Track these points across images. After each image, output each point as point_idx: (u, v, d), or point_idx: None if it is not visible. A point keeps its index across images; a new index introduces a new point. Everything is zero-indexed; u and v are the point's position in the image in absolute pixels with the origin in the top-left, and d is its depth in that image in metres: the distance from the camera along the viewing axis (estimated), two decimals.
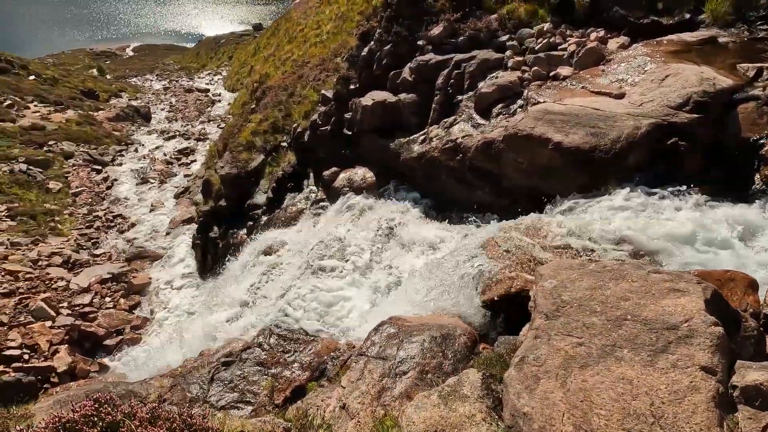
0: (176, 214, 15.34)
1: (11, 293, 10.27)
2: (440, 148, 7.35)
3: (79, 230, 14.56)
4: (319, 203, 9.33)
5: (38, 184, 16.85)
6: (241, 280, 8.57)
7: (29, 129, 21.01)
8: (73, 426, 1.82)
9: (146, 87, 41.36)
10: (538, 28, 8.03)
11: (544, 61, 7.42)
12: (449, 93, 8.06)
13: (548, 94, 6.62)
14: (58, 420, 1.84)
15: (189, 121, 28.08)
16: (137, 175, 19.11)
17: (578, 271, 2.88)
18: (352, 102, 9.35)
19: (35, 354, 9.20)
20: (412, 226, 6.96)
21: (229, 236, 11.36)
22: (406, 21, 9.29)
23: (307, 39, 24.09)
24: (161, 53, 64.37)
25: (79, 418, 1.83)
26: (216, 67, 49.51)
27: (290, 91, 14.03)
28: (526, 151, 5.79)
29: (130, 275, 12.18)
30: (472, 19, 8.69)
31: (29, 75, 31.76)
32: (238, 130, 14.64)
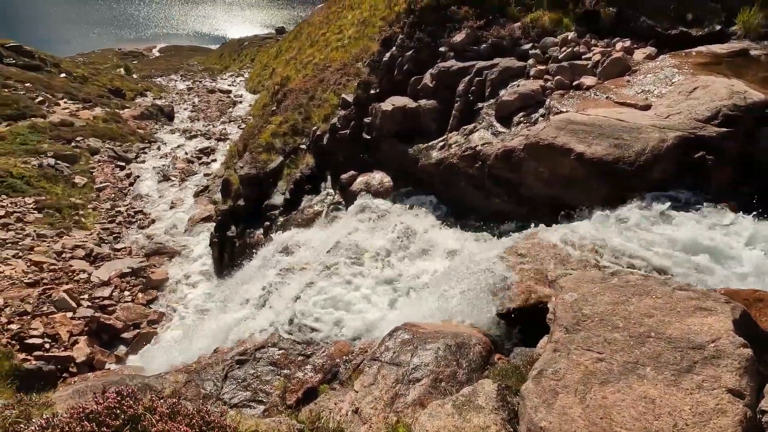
0: (195, 212, 15.62)
1: (36, 283, 10.58)
2: (459, 154, 7.33)
3: (102, 224, 14.95)
4: (336, 206, 9.39)
5: (65, 179, 17.37)
6: (257, 279, 8.66)
7: (58, 125, 21.71)
8: (97, 417, 1.86)
9: (170, 87, 42.36)
10: (562, 37, 7.96)
11: (568, 71, 7.36)
12: (470, 100, 8.04)
13: (571, 104, 6.54)
14: (83, 410, 1.89)
15: (210, 121, 28.62)
16: (159, 172, 19.53)
17: (600, 284, 2.82)
18: (372, 107, 9.40)
19: (56, 343, 9.44)
20: (428, 232, 6.94)
21: (246, 236, 11.50)
22: (429, 27, 9.32)
23: (328, 43, 24.36)
24: (186, 54, 65.88)
25: (103, 410, 1.88)
26: (238, 68, 50.42)
27: (311, 94, 14.19)
28: (547, 161, 5.73)
29: (148, 270, 12.43)
30: (496, 27, 8.67)
31: (60, 73, 32.87)
32: (258, 131, 14.87)
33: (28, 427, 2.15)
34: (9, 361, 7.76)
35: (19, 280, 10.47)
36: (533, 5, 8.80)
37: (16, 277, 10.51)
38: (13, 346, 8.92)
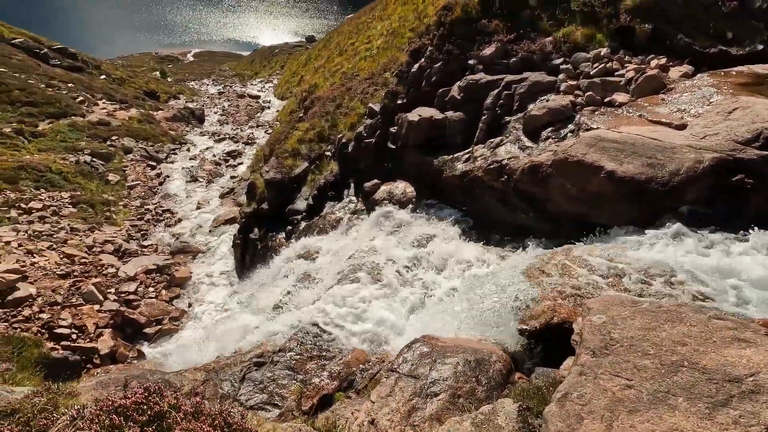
0: (220, 213, 15.97)
1: (67, 275, 10.99)
2: (484, 168, 7.28)
3: (131, 221, 15.45)
4: (358, 213, 9.43)
5: (99, 176, 18.08)
6: (277, 283, 8.76)
7: (96, 124, 22.67)
8: (125, 412, 1.91)
9: (202, 91, 43.73)
10: (594, 53, 7.85)
11: (599, 87, 7.24)
12: (497, 113, 8.00)
13: (602, 121, 6.42)
14: (111, 404, 1.94)
15: (239, 125, 29.35)
16: (187, 173, 20.10)
17: (630, 308, 2.74)
18: (398, 117, 9.45)
19: (82, 335, 9.74)
20: (450, 244, 6.89)
21: (268, 239, 11.67)
22: (459, 40, 9.35)
23: (357, 52, 24.72)
24: (219, 60, 67.97)
25: (131, 404, 1.93)
26: (268, 75, 51.64)
27: (338, 102, 14.38)
28: (575, 178, 5.62)
29: (173, 268, 12.75)
30: (526, 41, 8.62)
31: (101, 74, 34.39)
32: (284, 136, 15.14)
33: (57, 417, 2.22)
34: (38, 349, 8.04)
35: (52, 272, 10.89)
36: (566, 20, 8.71)
37: (49, 268, 10.95)
38: (43, 334, 9.26)
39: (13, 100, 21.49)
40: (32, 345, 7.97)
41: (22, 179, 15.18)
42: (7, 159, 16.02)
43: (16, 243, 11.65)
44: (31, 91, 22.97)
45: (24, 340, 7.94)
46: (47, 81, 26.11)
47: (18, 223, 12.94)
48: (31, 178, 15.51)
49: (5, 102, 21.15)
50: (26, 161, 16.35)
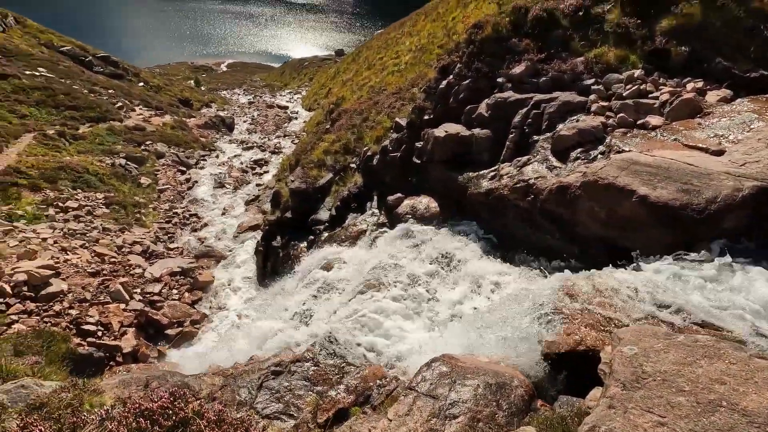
0: (244, 220, 16.28)
1: (97, 273, 11.37)
2: (510, 186, 7.20)
3: (160, 224, 15.92)
4: (380, 227, 9.45)
5: (132, 178, 18.77)
6: (297, 291, 8.83)
7: (132, 129, 23.63)
8: (150, 415, 1.95)
9: (233, 100, 45.09)
10: (627, 74, 7.72)
11: (632, 108, 7.10)
12: (525, 132, 7.93)
13: (634, 143, 6.28)
14: (138, 406, 1.98)
15: (266, 134, 30.05)
16: (215, 179, 20.64)
17: (664, 341, 2.63)
18: (424, 132, 9.50)
19: (107, 332, 10.02)
20: (472, 262, 6.81)
21: (290, 247, 11.81)
22: (488, 58, 9.37)
23: (385, 67, 25.08)
24: (251, 70, 70.11)
25: (157, 408, 1.96)
26: (297, 86, 52.87)
27: (364, 115, 14.57)
28: (605, 201, 5.49)
29: (196, 271, 13.02)
30: (557, 61, 8.56)
31: (139, 82, 35.96)
32: (311, 147, 15.41)
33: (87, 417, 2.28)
34: (66, 344, 8.29)
35: (83, 269, 11.29)
36: (598, 41, 8.62)
37: (80, 266, 11.35)
38: (71, 330, 9.57)
39: (58, 104, 22.67)
40: (61, 340, 8.22)
41: (61, 179, 15.90)
42: (49, 160, 16.84)
43: (52, 240, 12.16)
44: (75, 96, 24.19)
45: (53, 335, 8.20)
46: (90, 87, 27.46)
47: (55, 220, 13.52)
48: (69, 179, 16.23)
49: (51, 106, 22.33)
50: (66, 162, 17.14)
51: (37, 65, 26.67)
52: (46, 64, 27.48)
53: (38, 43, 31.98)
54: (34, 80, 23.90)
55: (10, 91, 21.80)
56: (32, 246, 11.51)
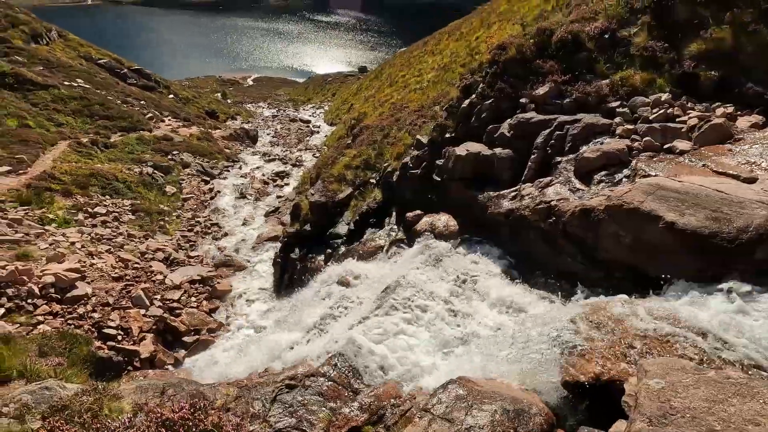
0: (264, 231, 16.51)
1: (120, 278, 11.67)
2: (532, 207, 7.13)
3: (182, 232, 16.29)
4: (398, 243, 9.45)
5: (158, 187, 19.34)
6: (313, 305, 8.85)
7: (161, 139, 24.44)
8: (171, 426, 1.98)
9: (258, 113, 46.24)
10: (654, 98, 7.62)
11: (659, 132, 6.99)
12: (548, 153, 7.88)
13: (661, 168, 6.16)
14: (159, 416, 2.02)
15: (288, 147, 30.63)
16: (237, 190, 21.07)
17: (693, 375, 2.53)
18: (445, 150, 9.53)
19: (127, 337, 10.21)
20: (491, 283, 6.72)
21: (308, 260, 11.90)
22: (511, 78, 9.40)
23: (407, 84, 25.40)
24: (275, 85, 71.97)
25: (178, 419, 1.99)
26: (320, 101, 53.92)
27: (386, 132, 14.73)
28: (630, 226, 5.38)
29: (215, 280, 13.22)
30: (581, 83, 8.52)
31: (169, 94, 37.31)
32: (332, 161, 15.62)
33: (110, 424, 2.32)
34: (88, 346, 8.49)
35: (107, 274, 11.61)
36: (624, 64, 8.56)
37: (105, 270, 11.68)
38: (92, 333, 9.79)
39: (92, 113, 23.70)
40: (83, 342, 8.43)
41: (91, 185, 16.51)
42: (81, 166, 17.53)
43: (79, 244, 12.57)
44: (109, 106, 25.25)
45: (76, 337, 8.42)
46: (123, 98, 28.64)
47: (84, 225, 13.99)
48: (99, 185, 16.83)
49: (86, 115, 23.35)
50: (97, 169, 17.81)
51: (75, 76, 28.02)
52: (83, 76, 28.84)
53: (78, 56, 33.66)
54: (72, 90, 25.08)
55: (50, 100, 22.92)
56: (61, 249, 11.92)
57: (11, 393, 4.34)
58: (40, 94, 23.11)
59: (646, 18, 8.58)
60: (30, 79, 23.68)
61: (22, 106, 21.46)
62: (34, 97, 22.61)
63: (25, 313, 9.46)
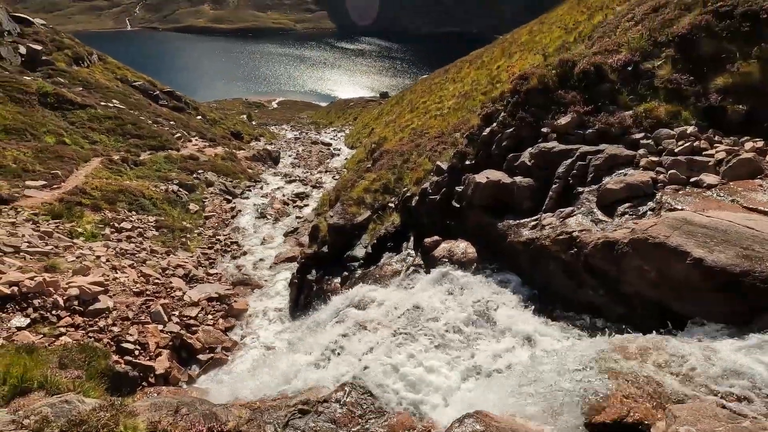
0: (282, 251, 16.67)
1: (141, 293, 11.89)
2: (552, 237, 7.03)
3: (203, 249, 16.58)
4: (415, 268, 9.40)
5: (182, 204, 19.87)
6: (328, 328, 8.80)
7: (187, 158, 25.26)
8: None
9: (281, 135, 47.45)
10: (679, 130, 7.53)
11: (684, 165, 6.87)
12: (569, 183, 7.81)
13: (687, 202, 6.03)
14: None
15: (309, 169, 31.18)
16: (258, 209, 21.45)
17: (726, 424, 2.40)
18: (465, 176, 9.56)
19: (143, 352, 10.32)
20: (510, 314, 6.58)
21: (324, 281, 11.92)
22: (532, 108, 9.45)
23: (428, 111, 25.77)
24: (299, 108, 74.04)
25: None
26: (341, 125, 55.05)
27: (405, 157, 14.89)
28: (655, 261, 5.23)
29: (232, 299, 13.32)
30: (604, 114, 8.50)
31: (197, 115, 38.76)
32: (351, 184, 15.82)
33: None
34: (106, 360, 8.60)
35: (129, 288, 11.85)
36: (647, 95, 8.52)
37: (127, 285, 11.93)
38: (111, 347, 9.94)
39: (125, 132, 24.76)
40: (101, 356, 8.55)
41: (119, 201, 17.09)
42: (111, 183, 18.21)
43: (104, 258, 12.93)
44: (140, 126, 26.36)
45: (95, 350, 8.55)
46: (154, 118, 29.89)
47: (110, 239, 14.42)
48: (126, 201, 17.41)
49: (119, 134, 24.41)
50: (125, 186, 18.46)
51: (111, 97, 29.47)
52: (119, 97, 30.32)
53: (115, 78, 35.48)
54: (107, 110, 26.34)
55: (87, 119, 24.10)
56: (87, 262, 12.27)
57: (32, 405, 4.42)
58: (78, 113, 24.34)
59: (670, 51, 8.59)
60: (69, 99, 25.01)
61: (61, 124, 22.62)
62: (72, 116, 23.82)
63: (49, 324, 9.70)
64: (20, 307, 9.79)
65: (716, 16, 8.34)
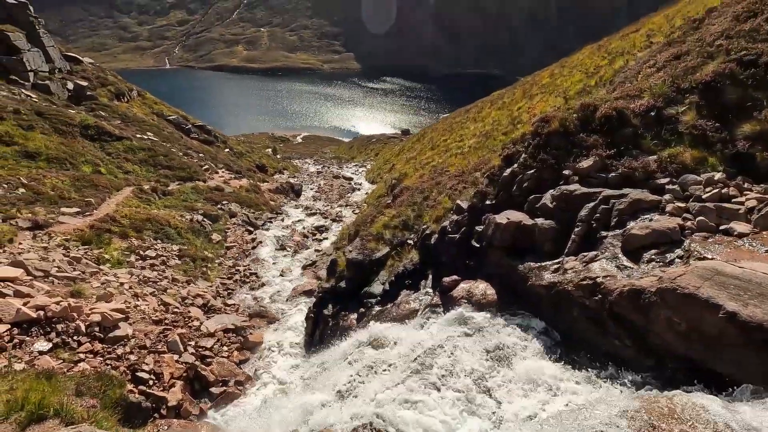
0: (300, 284, 16.70)
1: (159, 322, 12.01)
2: (575, 282, 6.85)
3: (222, 279, 16.77)
4: (433, 308, 9.24)
5: (205, 234, 20.33)
6: (343, 366, 8.63)
7: (213, 189, 26.08)
8: None
9: (304, 168, 48.65)
10: (706, 177, 7.40)
11: (713, 212, 6.69)
12: (592, 227, 7.68)
13: (718, 251, 5.82)
14: None
15: (330, 203, 31.64)
16: (278, 241, 21.72)
17: None
18: (485, 216, 9.53)
19: (158, 382, 10.29)
20: (531, 361, 6.34)
21: (340, 317, 11.81)
22: (554, 150, 9.48)
23: (448, 149, 26.12)
24: (323, 143, 76.22)
25: None
26: (363, 160, 56.13)
27: (426, 194, 15.00)
28: (685, 312, 5.01)
29: (248, 331, 13.30)
30: (627, 158, 8.45)
31: (226, 148, 40.30)
32: (370, 220, 15.94)
33: None
34: (120, 389, 8.61)
35: (149, 316, 12.00)
36: (672, 141, 8.46)
37: (147, 313, 12.09)
38: (127, 375, 9.96)
39: (156, 163, 25.89)
40: (117, 385, 8.56)
41: (146, 229, 17.63)
42: (140, 211, 18.88)
43: (128, 285, 13.21)
44: (171, 157, 27.54)
45: (112, 379, 8.58)
46: (185, 150, 31.22)
47: (134, 267, 14.78)
48: (153, 230, 17.95)
49: (151, 164, 25.52)
50: (153, 215, 19.09)
51: (146, 130, 31.07)
52: (153, 130, 31.94)
53: (151, 112, 37.56)
54: (142, 142, 27.71)
55: (122, 150, 25.38)
56: (111, 289, 12.56)
57: None
58: (115, 144, 25.69)
59: (694, 98, 8.59)
60: (108, 131, 26.50)
61: (98, 155, 23.86)
62: (109, 147, 25.15)
63: (70, 349, 9.84)
64: (44, 331, 10.01)
65: (740, 64, 8.37)
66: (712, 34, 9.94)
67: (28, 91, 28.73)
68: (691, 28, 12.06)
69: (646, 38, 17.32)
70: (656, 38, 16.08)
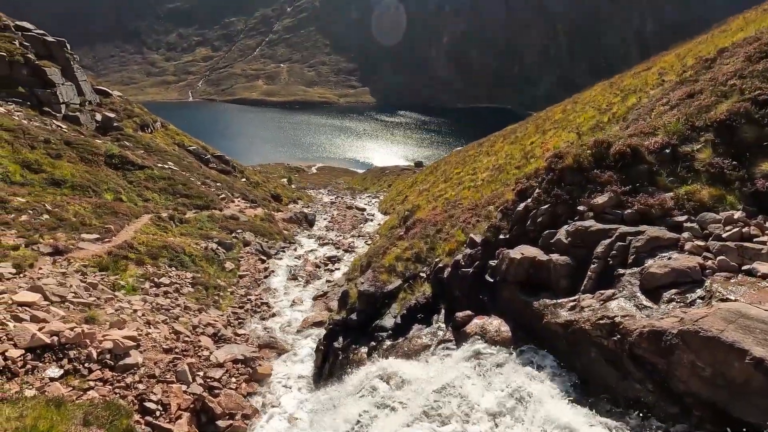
0: (310, 315, 16.56)
1: (170, 350, 11.96)
2: (593, 321, 6.67)
3: (233, 308, 16.75)
4: (445, 344, 9.05)
5: (218, 262, 20.50)
6: (352, 402, 8.43)
7: (228, 217, 26.50)
8: None
9: (318, 198, 49.25)
10: (725, 215, 7.27)
11: (735, 252, 6.53)
12: (609, 264, 7.55)
13: (741, 292, 5.65)
14: None
15: (343, 233, 31.76)
16: (290, 271, 21.75)
17: None
18: (499, 251, 9.45)
19: (164, 413, 10.13)
20: (547, 403, 6.11)
21: (350, 350, 11.61)
22: (568, 186, 9.48)
23: (461, 182, 26.26)
24: (337, 174, 77.40)
25: None
26: (376, 191, 56.65)
27: (439, 227, 14.99)
28: (709, 356, 4.83)
29: (257, 362, 13.12)
30: (643, 195, 8.39)
31: (242, 177, 41.20)
32: (383, 251, 15.91)
33: None
34: (127, 420, 8.52)
35: (159, 345, 11.97)
36: (688, 178, 8.40)
37: (158, 341, 12.08)
38: (134, 404, 9.86)
39: (175, 191, 26.56)
40: (124, 415, 8.48)
41: (162, 257, 17.89)
42: (156, 238, 19.23)
43: (140, 312, 13.28)
44: (190, 186, 28.25)
45: (119, 409, 8.51)
46: (203, 179, 32.02)
47: (148, 294, 14.91)
48: (168, 257, 18.19)
49: (169, 193, 26.19)
50: (169, 242, 19.40)
51: (167, 159, 32.09)
52: (174, 159, 32.96)
53: (173, 142, 38.90)
54: (163, 171, 28.56)
55: (143, 178, 26.17)
56: (124, 315, 12.64)
57: None
58: (137, 173, 26.54)
59: (709, 136, 8.58)
60: (131, 160, 27.45)
61: (120, 183, 24.62)
62: (131, 176, 25.97)
63: (80, 376, 9.83)
64: (56, 357, 10.04)
65: (755, 103, 8.38)
66: (725, 73, 10.03)
67: (59, 122, 30.17)
68: (703, 68, 12.18)
69: (659, 76, 17.52)
70: (668, 76, 16.25)
